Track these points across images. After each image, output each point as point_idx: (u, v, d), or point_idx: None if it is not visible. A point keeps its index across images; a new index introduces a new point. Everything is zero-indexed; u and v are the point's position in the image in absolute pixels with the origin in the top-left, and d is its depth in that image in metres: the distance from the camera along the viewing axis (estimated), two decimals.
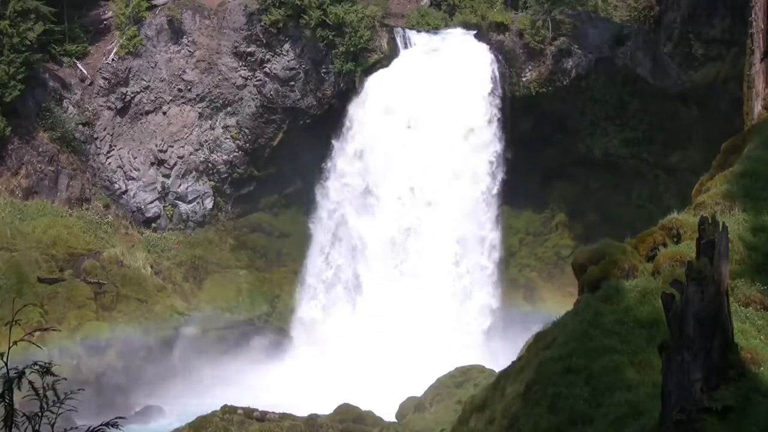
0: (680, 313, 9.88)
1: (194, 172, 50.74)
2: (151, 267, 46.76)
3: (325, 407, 33.93)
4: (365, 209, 46.53)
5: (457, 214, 45.71)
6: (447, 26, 50.70)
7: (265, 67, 49.61)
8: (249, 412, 32.35)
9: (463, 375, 33.89)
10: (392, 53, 48.25)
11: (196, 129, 50.46)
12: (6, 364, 6.83)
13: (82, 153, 49.21)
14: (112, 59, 49.54)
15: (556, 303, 41.23)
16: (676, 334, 9.94)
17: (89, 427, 6.93)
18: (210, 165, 50.78)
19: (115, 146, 49.99)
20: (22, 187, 47.03)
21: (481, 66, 46.80)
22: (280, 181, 50.78)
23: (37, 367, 6.87)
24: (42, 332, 34.51)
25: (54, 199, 47.75)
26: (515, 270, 49.04)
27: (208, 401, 37.02)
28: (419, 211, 45.58)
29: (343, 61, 47.89)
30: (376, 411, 34.06)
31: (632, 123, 46.14)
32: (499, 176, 46.30)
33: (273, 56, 49.49)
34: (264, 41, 49.35)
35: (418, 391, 34.26)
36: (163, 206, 50.54)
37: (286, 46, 49.16)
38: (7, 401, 6.79)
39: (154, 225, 50.48)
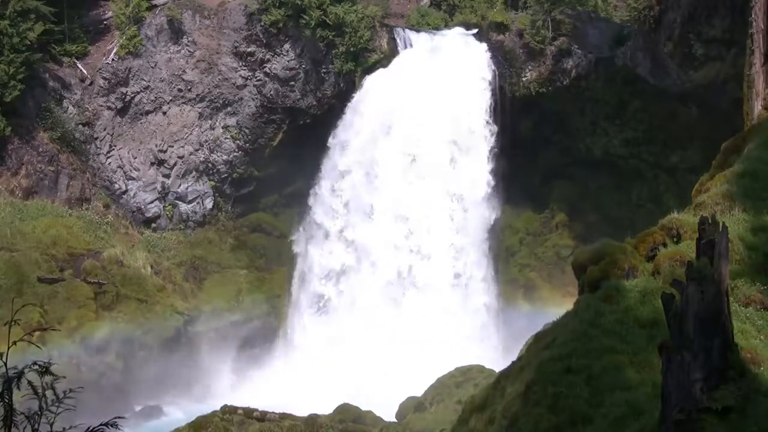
0: (680, 313, 9.87)
1: (194, 172, 50.73)
2: (151, 267, 46.70)
3: (325, 407, 33.92)
4: (363, 208, 46.48)
5: (455, 212, 45.70)
6: (447, 26, 50.68)
7: (265, 67, 49.60)
8: (249, 412, 32.34)
9: (463, 375, 33.89)
10: (392, 53, 48.22)
11: (196, 129, 50.44)
12: (5, 364, 6.83)
13: (82, 153, 49.18)
14: (112, 59, 49.54)
15: (556, 303, 41.18)
16: (676, 334, 9.93)
17: (89, 427, 6.93)
18: (210, 165, 50.76)
19: (115, 146, 49.97)
20: (22, 187, 46.99)
21: (480, 66, 46.78)
22: (280, 181, 50.73)
23: (36, 366, 6.86)
24: (42, 332, 34.50)
25: (54, 199, 47.70)
26: (515, 270, 49.01)
27: (208, 401, 37.09)
28: (417, 210, 45.54)
29: (343, 61, 47.89)
30: (376, 411, 34.06)
31: (632, 123, 46.10)
32: (498, 175, 46.29)
33: (273, 56, 49.48)
34: (264, 41, 49.35)
35: (418, 391, 34.27)
36: (163, 206, 50.52)
37: (286, 46, 49.16)
38: (7, 401, 6.78)
39: (154, 225, 50.46)
